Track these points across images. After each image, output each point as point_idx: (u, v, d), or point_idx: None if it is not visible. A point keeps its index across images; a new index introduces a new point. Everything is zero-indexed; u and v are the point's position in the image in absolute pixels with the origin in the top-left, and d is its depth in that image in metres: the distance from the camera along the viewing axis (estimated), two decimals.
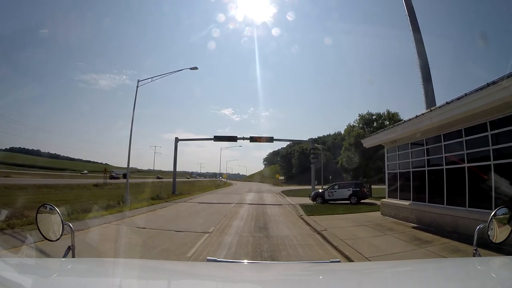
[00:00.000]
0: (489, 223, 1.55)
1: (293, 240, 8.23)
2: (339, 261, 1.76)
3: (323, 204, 18.78)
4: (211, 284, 1.41)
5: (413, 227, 9.70)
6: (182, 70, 20.24)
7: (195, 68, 20.04)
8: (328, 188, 21.54)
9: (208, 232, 9.10)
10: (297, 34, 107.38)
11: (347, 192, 19.63)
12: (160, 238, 8.26)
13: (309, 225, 10.81)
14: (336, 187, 20.82)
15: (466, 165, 8.29)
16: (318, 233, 9.11)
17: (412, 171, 10.94)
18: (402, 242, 7.75)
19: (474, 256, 1.55)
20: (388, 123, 34.73)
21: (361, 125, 33.80)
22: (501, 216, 1.55)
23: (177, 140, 29.45)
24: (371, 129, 31.79)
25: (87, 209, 12.11)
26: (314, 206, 17.59)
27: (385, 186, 13.40)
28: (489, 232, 1.55)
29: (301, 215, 13.50)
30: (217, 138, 30.28)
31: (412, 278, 1.46)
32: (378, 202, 18.30)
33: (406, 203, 10.99)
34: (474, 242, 1.56)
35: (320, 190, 22.58)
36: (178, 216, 13.44)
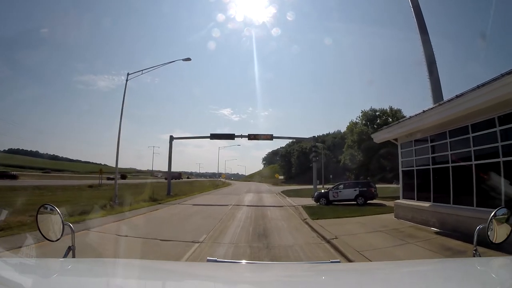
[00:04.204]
0: (488, 223, 1.52)
1: (299, 252, 6.90)
2: (339, 262, 1.72)
3: (327, 206, 17.44)
4: (211, 285, 1.40)
5: (436, 233, 8.40)
6: (174, 61, 19.07)
7: (188, 59, 18.59)
8: (332, 188, 20.20)
9: (198, 242, 7.76)
10: (297, 34, 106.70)
11: (353, 192, 18.24)
12: (141, 250, 6.99)
13: (315, 231, 9.47)
14: (341, 186, 19.39)
15: (501, 159, 7.02)
16: (328, 241, 7.78)
17: (433, 168, 9.61)
18: (430, 253, 6.45)
19: (474, 256, 1.53)
20: (391, 120, 33.65)
21: (364, 122, 32.65)
22: (500, 216, 1.53)
23: (171, 138, 28.12)
24: (375, 125, 30.65)
25: (70, 213, 10.92)
26: (318, 208, 16.23)
27: (399, 185, 12.08)
28: (488, 232, 1.52)
29: (305, 219, 12.15)
30: (214, 136, 28.98)
31: (412, 278, 1.44)
32: (386, 203, 17.03)
33: (426, 204, 9.67)
34: (474, 242, 1.55)
35: (323, 190, 21.29)
36: (168, 221, 12.10)
